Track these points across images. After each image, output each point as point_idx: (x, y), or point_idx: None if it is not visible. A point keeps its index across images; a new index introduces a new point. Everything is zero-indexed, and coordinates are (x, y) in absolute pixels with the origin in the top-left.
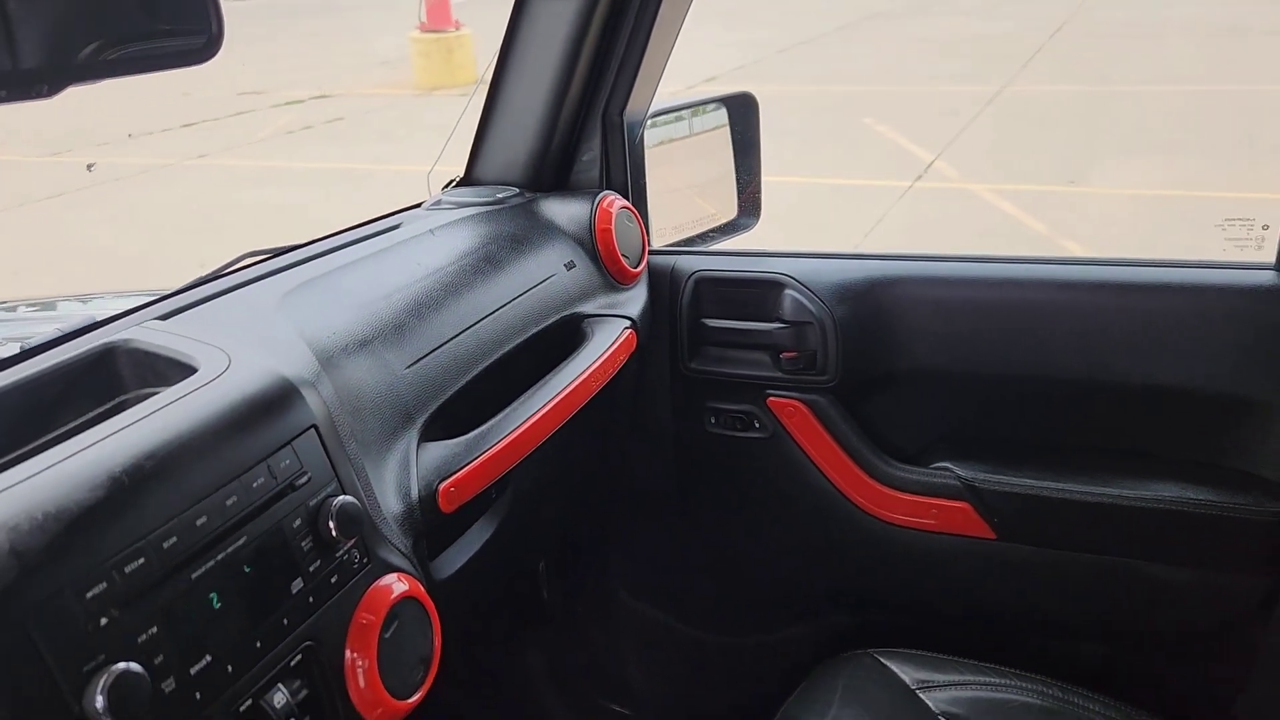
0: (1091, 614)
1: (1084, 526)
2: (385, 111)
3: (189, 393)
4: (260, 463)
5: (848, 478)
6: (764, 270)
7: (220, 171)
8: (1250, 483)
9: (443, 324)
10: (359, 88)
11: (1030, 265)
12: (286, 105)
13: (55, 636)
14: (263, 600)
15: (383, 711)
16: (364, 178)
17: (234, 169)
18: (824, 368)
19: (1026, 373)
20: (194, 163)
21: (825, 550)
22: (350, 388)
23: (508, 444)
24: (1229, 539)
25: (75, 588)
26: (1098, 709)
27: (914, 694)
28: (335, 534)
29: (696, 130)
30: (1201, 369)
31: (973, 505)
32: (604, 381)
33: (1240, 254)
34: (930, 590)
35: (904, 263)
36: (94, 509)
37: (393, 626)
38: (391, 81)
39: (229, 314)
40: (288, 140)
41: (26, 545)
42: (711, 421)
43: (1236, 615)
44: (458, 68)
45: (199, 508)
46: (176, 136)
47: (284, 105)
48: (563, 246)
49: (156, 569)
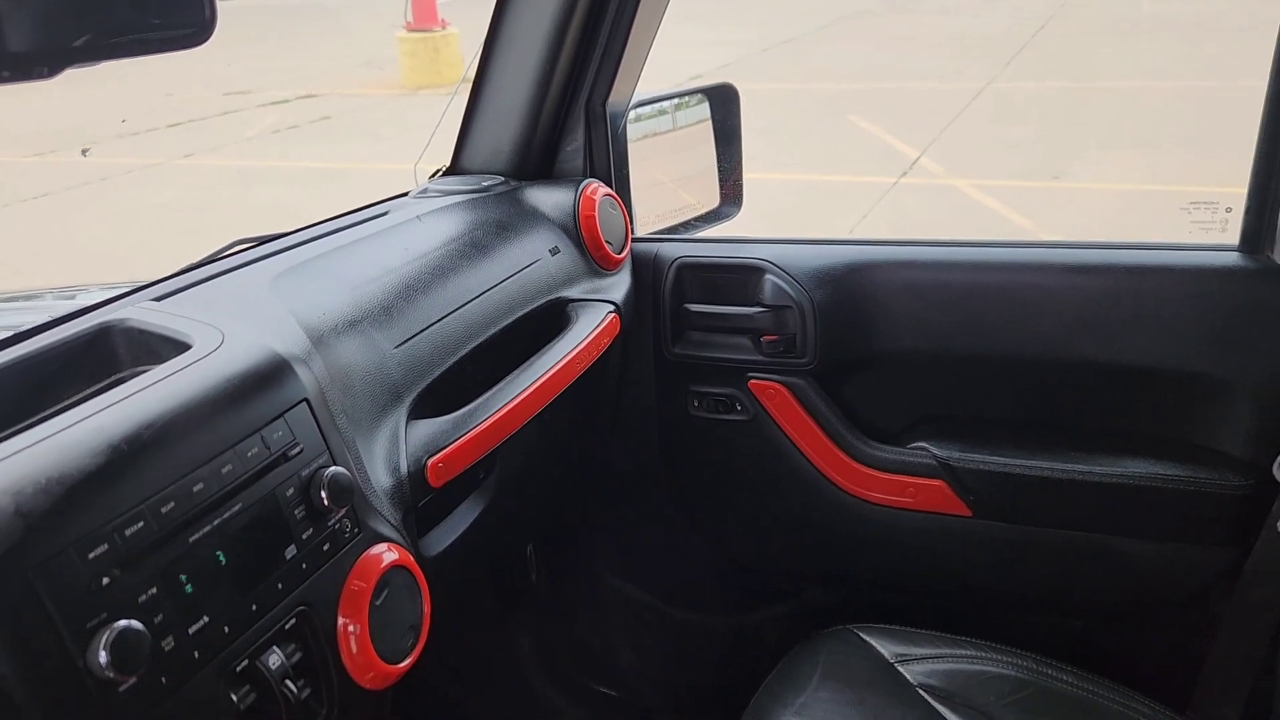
0: (1065, 588)
1: (1057, 503)
2: (372, 111)
3: (184, 367)
4: (254, 433)
5: (827, 458)
6: (744, 256)
7: (208, 171)
8: (1216, 458)
9: (430, 306)
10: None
11: (1003, 249)
12: (273, 105)
13: (59, 593)
14: (258, 565)
15: (374, 676)
16: (351, 176)
17: (221, 168)
18: (803, 350)
19: (1000, 354)
20: (181, 162)
21: (806, 529)
22: (341, 366)
23: (494, 422)
24: (1196, 513)
25: (78, 548)
26: (1070, 679)
27: (893, 667)
28: (327, 503)
29: (679, 124)
30: (1169, 348)
31: (949, 484)
32: (588, 364)
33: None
34: (909, 567)
35: (880, 248)
36: (95, 475)
37: (383, 594)
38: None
39: (222, 295)
40: (275, 139)
41: (31, 507)
42: (694, 405)
43: (1203, 586)
44: (444, 66)
45: (196, 475)
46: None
47: (270, 105)
48: (547, 233)
49: (155, 532)
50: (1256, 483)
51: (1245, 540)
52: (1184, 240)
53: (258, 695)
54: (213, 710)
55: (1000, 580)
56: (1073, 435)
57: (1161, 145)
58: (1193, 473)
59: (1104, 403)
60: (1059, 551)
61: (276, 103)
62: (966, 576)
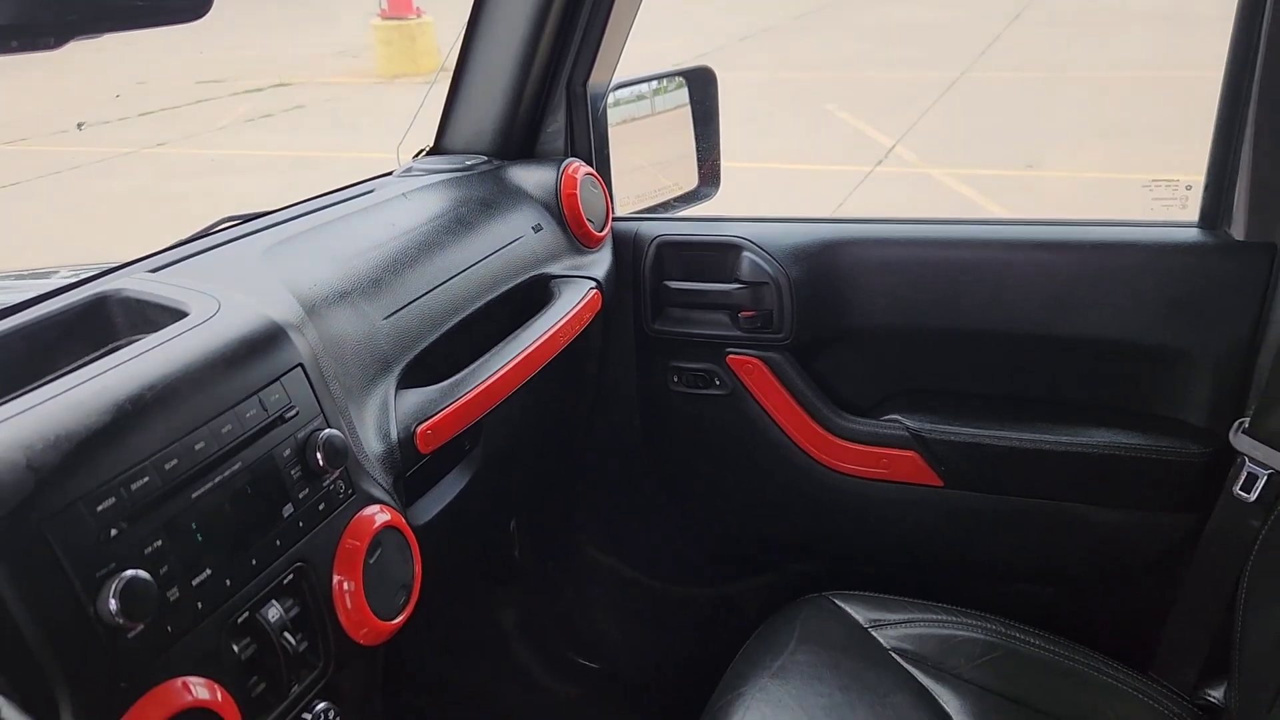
0: (1033, 554)
1: (1025, 472)
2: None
3: (183, 333)
4: (252, 395)
5: (803, 431)
6: (723, 234)
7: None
8: (1177, 427)
9: (417, 280)
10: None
11: (973, 226)
12: (246, 94)
13: (70, 543)
14: (257, 521)
15: (368, 631)
16: (326, 165)
17: (195, 157)
18: (780, 326)
19: (971, 328)
20: (153, 151)
21: (784, 501)
22: (332, 335)
23: (481, 391)
24: (1158, 480)
25: (87, 502)
26: (1036, 642)
27: (867, 632)
28: (322, 463)
29: (658, 109)
30: (1132, 322)
31: (921, 454)
32: (570, 338)
33: (1166, 213)
34: (883, 536)
35: (854, 225)
36: (101, 432)
37: (376, 553)
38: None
39: (215, 266)
40: (249, 128)
41: (42, 461)
42: (674, 380)
43: (1165, 552)
44: (420, 55)
45: (197, 434)
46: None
47: (243, 94)
48: (530, 210)
49: (160, 487)
50: (1215, 450)
51: (1205, 506)
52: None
53: (258, 647)
54: (216, 659)
55: (970, 548)
56: (1040, 407)
57: (1132, 134)
58: (1155, 442)
59: (1070, 375)
60: (1027, 519)
61: (250, 91)
62: (938, 545)
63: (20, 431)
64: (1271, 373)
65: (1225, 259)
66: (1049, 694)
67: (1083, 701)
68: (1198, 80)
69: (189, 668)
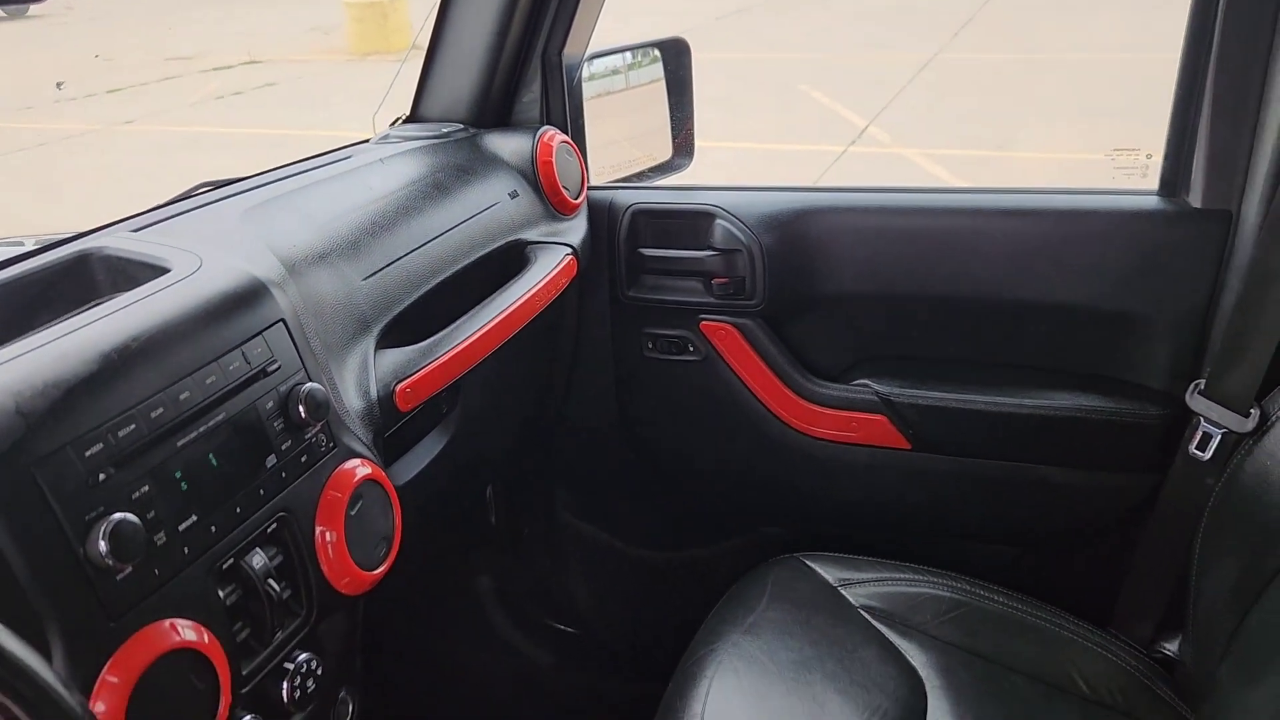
0: (997, 515)
1: (990, 435)
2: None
3: (166, 287)
4: (235, 349)
5: (775, 396)
6: (696, 203)
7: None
8: (1136, 390)
9: (395, 242)
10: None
11: (941, 195)
12: (216, 71)
13: (60, 487)
14: (241, 471)
15: (349, 581)
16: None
17: (164, 134)
18: (752, 292)
19: (938, 294)
20: (122, 128)
21: (755, 465)
22: (312, 295)
23: (459, 352)
24: (1119, 442)
25: (75, 447)
26: (1000, 599)
27: (836, 590)
28: (304, 416)
29: (632, 84)
30: (1094, 287)
31: (889, 418)
32: (547, 302)
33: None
34: (852, 499)
35: (826, 194)
36: (88, 380)
37: (357, 505)
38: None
39: (196, 226)
40: (219, 106)
41: (31, 407)
42: (648, 346)
43: (1124, 511)
44: (393, 32)
45: (182, 384)
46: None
47: (213, 70)
48: (506, 177)
49: (146, 435)
50: (1172, 412)
51: (1162, 467)
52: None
53: (242, 593)
54: (202, 603)
55: (937, 509)
56: (1005, 371)
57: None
58: (1114, 404)
59: (1034, 340)
60: (991, 481)
61: (220, 68)
62: (906, 507)
63: (9, 378)
64: (1226, 335)
65: (1184, 225)
66: (1011, 648)
67: (1044, 655)
68: (1169, 62)
69: (176, 611)
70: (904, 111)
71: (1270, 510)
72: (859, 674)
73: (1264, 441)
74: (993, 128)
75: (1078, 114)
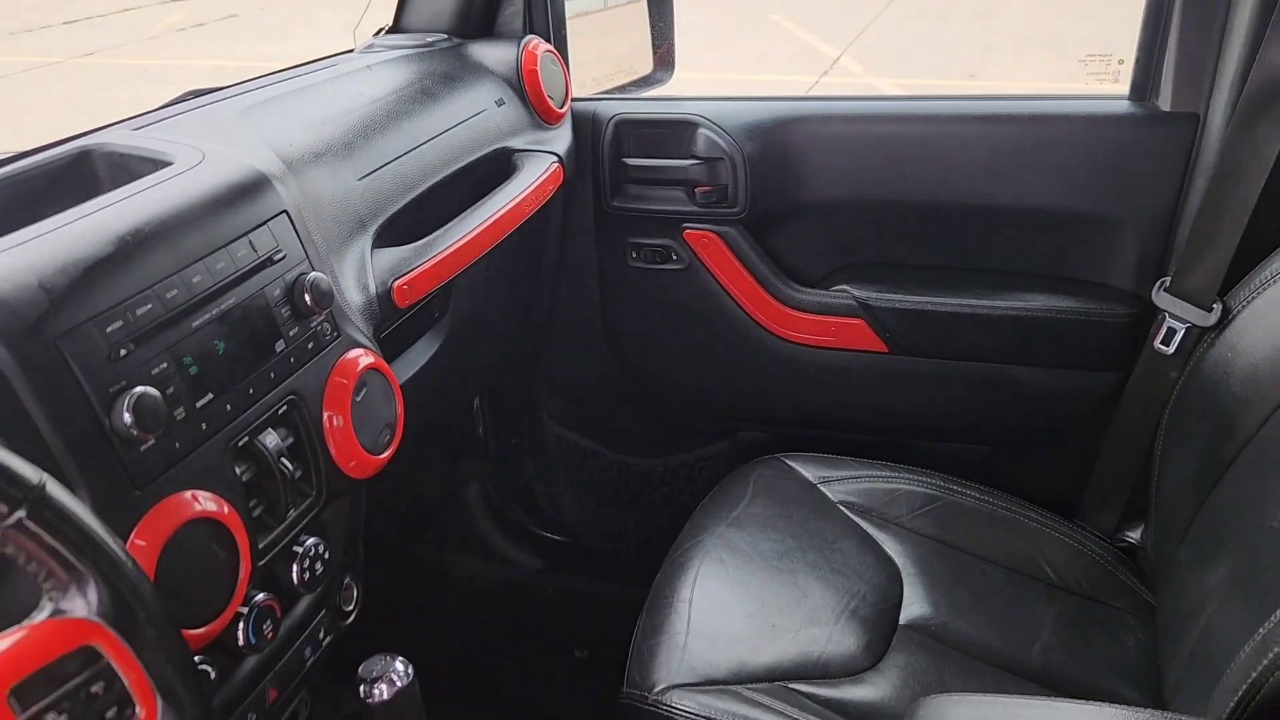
0: (971, 414)
1: (964, 337)
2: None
3: (171, 178)
4: (242, 237)
5: (757, 302)
6: (679, 112)
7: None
8: (1104, 291)
9: (386, 145)
10: None
11: (919, 103)
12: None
13: (84, 359)
14: (253, 354)
15: (356, 464)
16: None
17: (125, 67)
18: (734, 200)
19: (915, 200)
20: (81, 61)
21: (738, 372)
22: (311, 192)
23: (452, 252)
24: (1088, 341)
25: (97, 323)
26: (973, 494)
27: (815, 487)
28: (310, 304)
29: (611, 4)
30: (1065, 191)
31: (868, 322)
32: (534, 208)
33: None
34: (832, 401)
35: (806, 103)
36: (106, 260)
37: (362, 392)
38: None
39: (195, 124)
40: (180, 38)
41: (54, 283)
42: (633, 256)
43: (1091, 408)
44: None
45: (194, 268)
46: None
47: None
48: (492, 85)
49: (163, 314)
50: (1139, 311)
51: (1129, 365)
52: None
53: (257, 471)
54: (221, 477)
55: (914, 411)
56: (979, 275)
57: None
58: (1084, 304)
59: (1007, 243)
60: (965, 382)
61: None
62: (883, 408)
63: (29, 257)
64: (1191, 233)
65: (1153, 128)
66: (983, 539)
67: (1014, 545)
68: None
69: (197, 483)
70: (876, 42)
71: (1229, 399)
72: (839, 562)
73: (1225, 334)
74: (963, 57)
75: (1045, 43)
